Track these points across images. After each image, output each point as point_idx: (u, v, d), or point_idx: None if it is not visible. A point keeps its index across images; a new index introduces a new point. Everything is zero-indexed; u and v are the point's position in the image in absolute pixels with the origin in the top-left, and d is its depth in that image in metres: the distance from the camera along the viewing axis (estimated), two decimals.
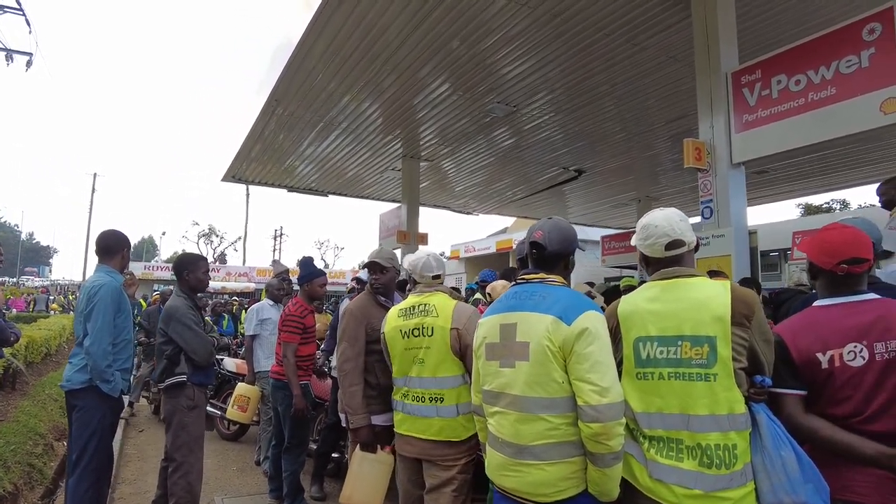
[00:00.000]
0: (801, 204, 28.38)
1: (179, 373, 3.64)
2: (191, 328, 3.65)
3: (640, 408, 1.80)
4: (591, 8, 5.47)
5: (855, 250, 1.80)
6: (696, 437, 1.69)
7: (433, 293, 2.75)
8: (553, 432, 1.81)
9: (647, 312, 1.84)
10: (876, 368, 1.70)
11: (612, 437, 1.71)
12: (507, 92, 7.56)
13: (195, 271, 3.82)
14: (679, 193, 13.13)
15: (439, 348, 2.59)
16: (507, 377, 1.93)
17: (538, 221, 2.13)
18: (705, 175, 4.85)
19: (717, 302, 1.73)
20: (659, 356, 1.78)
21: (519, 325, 1.93)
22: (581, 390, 1.76)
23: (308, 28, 6.07)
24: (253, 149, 9.80)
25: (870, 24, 3.91)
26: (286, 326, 4.29)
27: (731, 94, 4.72)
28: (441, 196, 13.39)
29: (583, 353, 1.78)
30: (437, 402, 2.58)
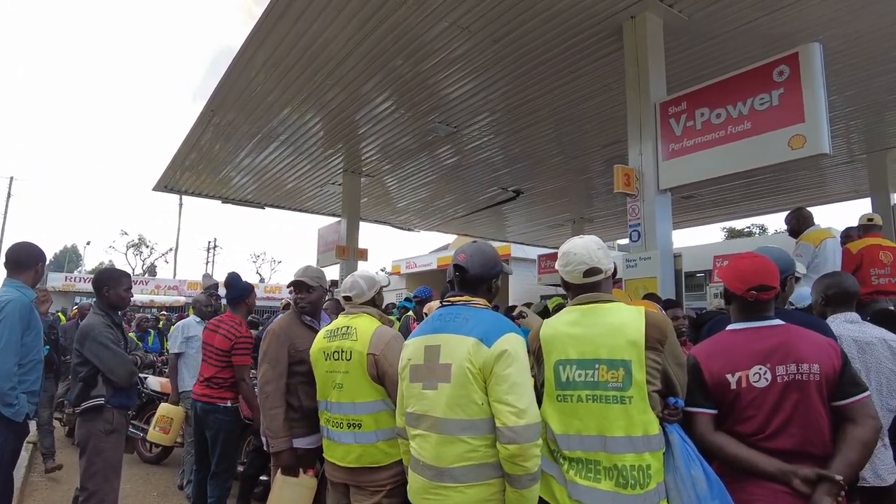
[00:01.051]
0: (725, 228, 30.05)
1: (96, 395, 3.40)
2: (108, 347, 3.41)
3: (560, 429, 1.86)
4: (530, 35, 5.65)
5: (763, 278, 1.94)
6: (612, 458, 1.76)
7: (359, 315, 2.71)
8: (472, 454, 1.84)
9: (566, 336, 1.91)
10: (777, 389, 1.82)
11: (528, 459, 1.75)
12: (449, 112, 7.67)
13: (116, 288, 3.58)
14: (612, 216, 13.65)
15: (357, 373, 2.54)
16: (429, 399, 1.95)
17: (462, 245, 2.17)
18: (634, 200, 5.07)
19: (631, 327, 1.82)
20: (577, 379, 1.85)
21: (442, 346, 1.96)
22: (499, 412, 1.80)
23: (249, 38, 5.97)
24: (187, 158, 9.47)
25: (779, 67, 4.24)
26: (241, 348, 4.05)
27: (659, 123, 4.98)
28: (382, 212, 13.34)
29: (501, 374, 1.82)
30: (354, 429, 2.54)
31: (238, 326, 4.14)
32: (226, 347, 4.05)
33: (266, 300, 28.11)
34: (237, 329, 4.11)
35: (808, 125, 3.99)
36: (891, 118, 7.75)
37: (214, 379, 4.07)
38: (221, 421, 4.03)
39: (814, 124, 3.97)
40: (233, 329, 4.11)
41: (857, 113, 7.57)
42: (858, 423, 1.77)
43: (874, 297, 4.35)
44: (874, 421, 1.79)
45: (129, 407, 3.72)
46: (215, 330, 4.16)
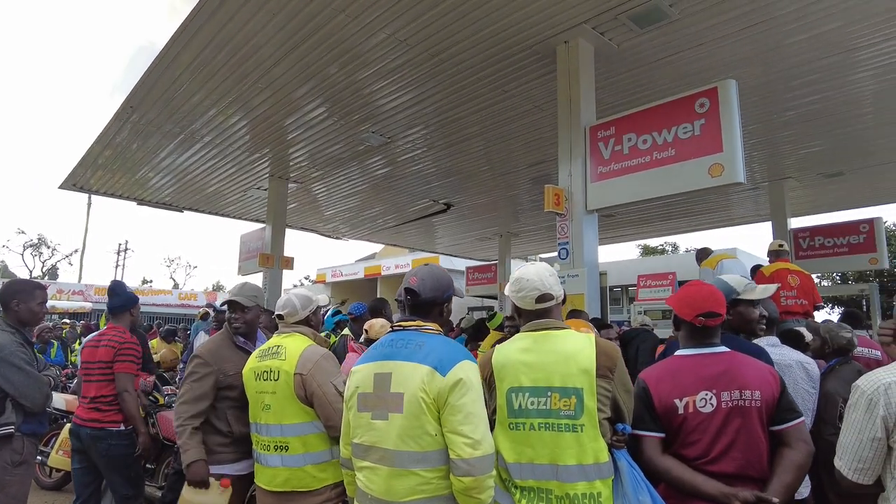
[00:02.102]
0: (641, 245, 31.62)
1: (4, 423, 3.02)
2: (21, 368, 3.05)
3: (512, 458, 1.85)
4: (467, 52, 5.72)
5: (711, 305, 2.03)
6: (564, 486, 1.77)
7: (291, 334, 2.63)
8: (425, 487, 1.78)
9: (519, 363, 1.91)
10: (721, 415, 1.90)
11: (482, 491, 1.73)
12: (382, 123, 7.62)
13: (28, 301, 3.20)
14: (537, 231, 14.08)
15: (284, 394, 2.46)
16: (379, 430, 1.87)
17: (415, 267, 2.12)
18: (563, 219, 5.22)
19: (583, 355, 1.84)
20: (530, 407, 1.85)
21: (394, 374, 1.89)
22: (454, 443, 1.75)
23: (175, 35, 5.67)
24: (101, 156, 8.84)
25: (700, 99, 4.52)
26: (125, 355, 3.69)
27: (589, 146, 5.17)
28: (310, 219, 13.04)
29: (456, 404, 1.77)
30: (281, 451, 2.45)
31: (121, 334, 3.79)
32: (109, 358, 3.68)
33: (181, 307, 26.70)
34: (120, 336, 3.77)
35: (725, 155, 4.27)
36: (788, 151, 8.47)
37: (101, 398, 3.66)
38: (114, 447, 3.62)
39: (731, 154, 4.25)
40: (115, 337, 3.75)
41: (760, 145, 8.22)
42: (793, 447, 1.88)
43: (783, 317, 4.73)
44: (807, 445, 1.90)
45: (41, 434, 3.34)
46: (96, 345, 3.77)
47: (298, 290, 2.78)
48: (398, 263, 22.52)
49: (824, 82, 6.30)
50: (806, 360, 2.75)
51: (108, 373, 3.67)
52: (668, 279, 11.39)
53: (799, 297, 5.05)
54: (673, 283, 11.33)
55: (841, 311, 8.14)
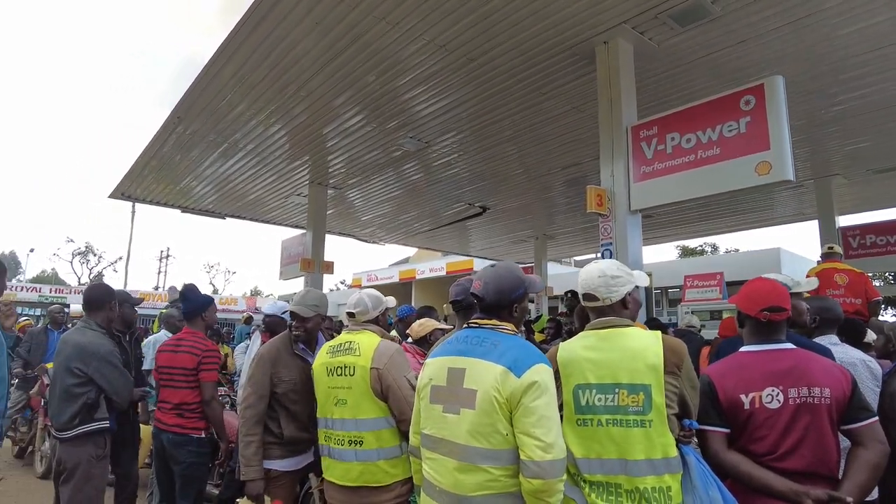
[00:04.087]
0: (679, 246, 31.05)
1: (100, 418, 3.28)
2: (118, 367, 3.36)
3: (580, 453, 1.87)
4: (505, 55, 5.75)
5: (774, 300, 2.03)
6: (633, 481, 1.78)
7: (361, 331, 2.70)
8: (493, 484, 1.79)
9: (585, 360, 1.93)
10: (789, 411, 1.89)
11: (552, 494, 1.73)
12: (418, 128, 7.70)
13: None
14: (573, 232, 13.99)
15: (360, 389, 2.52)
16: (449, 424, 1.89)
17: (482, 269, 2.11)
18: (606, 220, 5.19)
19: (650, 352, 1.85)
20: (597, 403, 1.87)
21: (468, 371, 1.90)
22: (525, 445, 1.75)
23: (219, 50, 5.85)
24: (147, 166, 9.17)
25: (746, 96, 4.45)
26: (209, 363, 3.71)
27: (631, 146, 5.13)
28: (347, 224, 13.23)
29: (530, 406, 1.76)
30: (356, 446, 2.50)
31: (202, 340, 3.82)
32: (192, 365, 3.70)
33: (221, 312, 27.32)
34: (202, 343, 3.79)
35: (773, 152, 4.19)
36: (835, 147, 8.23)
37: (184, 405, 3.70)
38: (194, 453, 3.68)
39: (779, 152, 4.17)
40: (197, 344, 3.77)
41: (805, 142, 7.99)
42: (867, 447, 1.86)
43: None
44: (882, 445, 1.87)
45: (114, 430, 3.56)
46: (175, 350, 3.81)
47: (369, 290, 2.84)
48: (432, 267, 22.62)
49: (874, 75, 6.11)
50: (868, 359, 2.71)
51: (192, 380, 3.70)
52: (715, 279, 11.13)
53: (847, 296, 4.92)
54: (721, 282, 11.07)
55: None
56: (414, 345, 3.82)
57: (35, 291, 28.46)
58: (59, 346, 3.51)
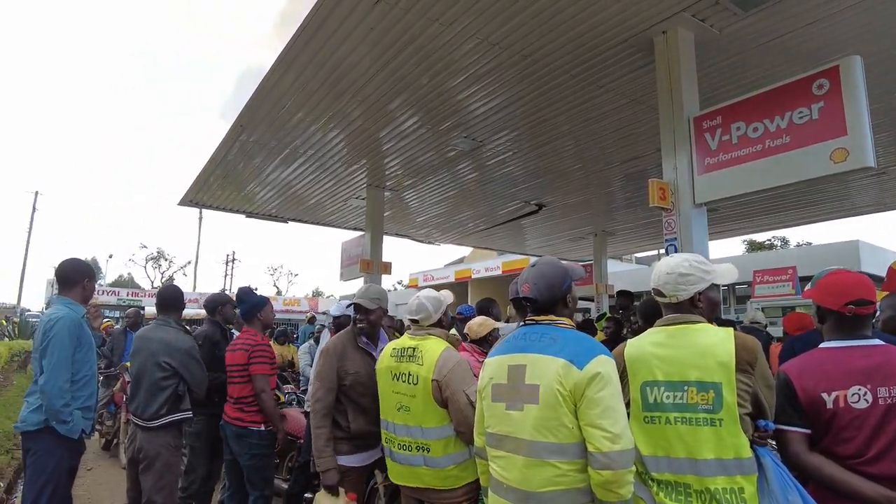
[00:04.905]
0: (746, 240, 29.73)
1: (184, 409, 3.60)
2: (200, 363, 3.70)
3: (647, 451, 1.83)
4: (559, 50, 5.67)
5: (861, 292, 1.90)
6: (703, 481, 1.72)
7: (426, 337, 2.70)
8: (562, 479, 1.79)
9: (653, 357, 1.88)
10: (878, 412, 1.77)
11: (622, 485, 1.71)
12: (472, 128, 7.71)
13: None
14: (634, 228, 13.63)
15: (424, 398, 2.54)
16: (514, 420, 1.90)
17: (524, 271, 2.10)
18: (669, 214, 5.04)
19: (721, 349, 1.79)
20: (666, 401, 1.82)
21: (528, 367, 1.91)
22: (592, 436, 1.75)
23: (277, 60, 6.04)
24: (213, 173, 9.59)
25: (819, 80, 4.21)
26: (258, 356, 3.88)
27: (694, 137, 4.96)
28: (404, 225, 13.40)
29: (594, 398, 1.76)
30: (423, 452, 2.52)
31: (252, 336, 4.02)
32: (244, 360, 3.91)
33: (285, 312, 28.23)
34: (252, 339, 3.99)
35: (850, 138, 3.95)
36: None
37: (242, 399, 3.90)
38: (255, 445, 3.87)
39: (857, 138, 3.92)
40: (248, 340, 3.98)
41: (884, 126, 7.48)
42: None
43: None
44: None
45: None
46: (234, 349, 4.03)
47: (426, 292, 2.84)
48: (488, 266, 22.59)
49: None
50: None
51: (245, 375, 3.88)
52: (787, 274, 10.58)
53: None
54: (793, 277, 10.51)
55: None
56: (472, 344, 3.82)
57: (114, 295, 30.34)
58: (140, 343, 3.76)
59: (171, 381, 3.55)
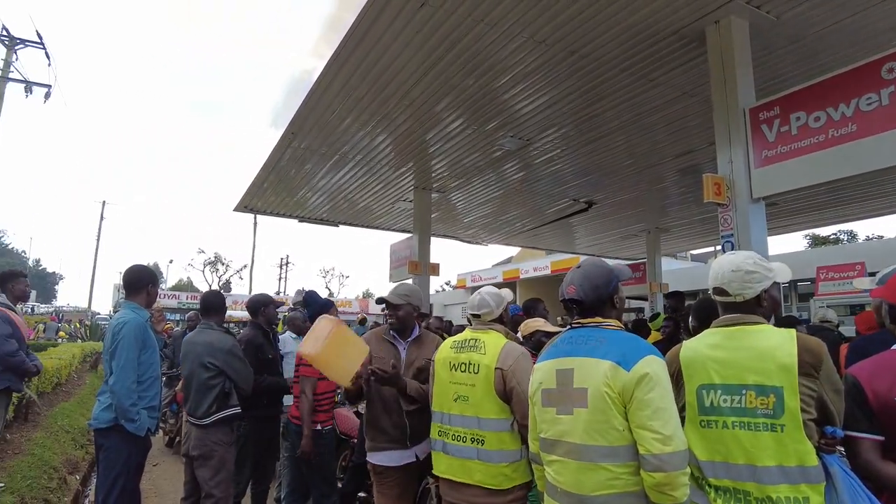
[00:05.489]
0: (808, 235, 28.33)
1: (233, 405, 3.75)
2: (243, 360, 3.84)
3: (704, 456, 1.77)
4: (608, 45, 5.56)
5: None
6: (764, 489, 1.65)
7: (487, 330, 2.71)
8: (615, 482, 1.76)
9: (709, 359, 1.82)
10: None
11: (676, 488, 1.66)
12: (519, 127, 7.66)
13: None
14: (688, 225, 13.22)
15: (483, 388, 2.52)
16: (564, 424, 1.88)
17: (568, 273, 2.07)
18: (725, 210, 4.86)
19: (782, 351, 1.71)
20: (723, 405, 1.76)
21: (576, 370, 1.89)
22: (643, 438, 1.71)
23: (326, 68, 6.16)
24: (266, 180, 9.90)
25: (889, 64, 3.97)
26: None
27: (750, 130, 4.77)
28: (451, 227, 13.45)
29: (643, 399, 1.73)
30: (478, 444, 2.50)
31: None
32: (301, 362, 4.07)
33: None
34: None
35: None
36: None
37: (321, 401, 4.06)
38: (315, 444, 4.00)
39: None
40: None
41: None
42: None
43: None
44: None
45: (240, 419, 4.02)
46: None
47: (488, 288, 2.85)
48: (536, 266, 22.38)
49: None
50: None
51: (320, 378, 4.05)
52: (855, 270, 9.93)
53: None
54: (862, 273, 9.89)
55: None
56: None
57: (174, 298, 31.70)
58: (187, 348, 3.94)
59: (218, 379, 3.72)
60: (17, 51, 17.20)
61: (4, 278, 4.91)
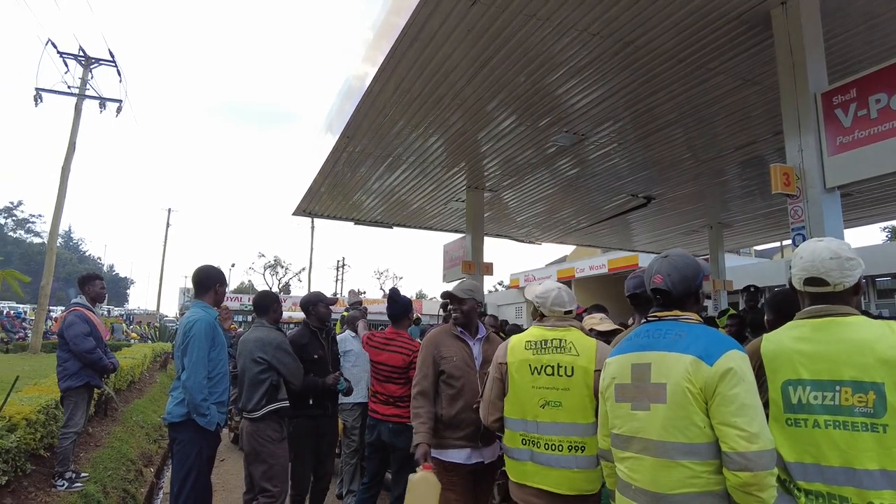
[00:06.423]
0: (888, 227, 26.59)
1: (281, 398, 3.85)
2: (291, 355, 3.92)
3: (792, 457, 1.66)
4: (665, 34, 5.39)
5: None
6: (865, 494, 1.53)
7: (568, 328, 2.58)
8: (695, 480, 1.68)
9: (795, 353, 1.71)
10: None
11: (764, 489, 1.57)
12: (573, 122, 7.53)
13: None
14: (753, 219, 12.67)
15: (580, 391, 2.41)
16: (640, 420, 1.81)
17: (652, 261, 2.00)
18: (795, 201, 4.61)
19: (883, 344, 1.58)
20: (813, 402, 1.65)
21: (654, 365, 1.82)
22: (726, 436, 1.63)
23: (378, 72, 6.23)
24: (323, 184, 10.13)
25: None
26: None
27: (822, 115, 4.50)
28: (504, 226, 13.38)
29: (727, 395, 1.64)
30: (577, 451, 2.39)
31: (410, 341, 4.16)
32: (403, 364, 4.03)
33: None
34: (410, 344, 4.12)
35: None
36: None
37: (399, 398, 4.00)
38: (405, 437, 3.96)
39: None
40: (405, 344, 4.12)
41: None
42: None
43: None
44: None
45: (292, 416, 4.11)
46: (381, 347, 4.16)
47: (554, 283, 2.78)
48: (592, 265, 21.94)
49: None
50: None
51: (402, 377, 4.02)
52: None
53: None
54: None
55: None
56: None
57: (237, 300, 32.90)
58: (241, 346, 4.13)
59: (267, 374, 3.84)
60: (91, 69, 18.31)
61: (83, 281, 5.21)
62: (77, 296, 5.18)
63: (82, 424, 4.92)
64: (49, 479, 4.50)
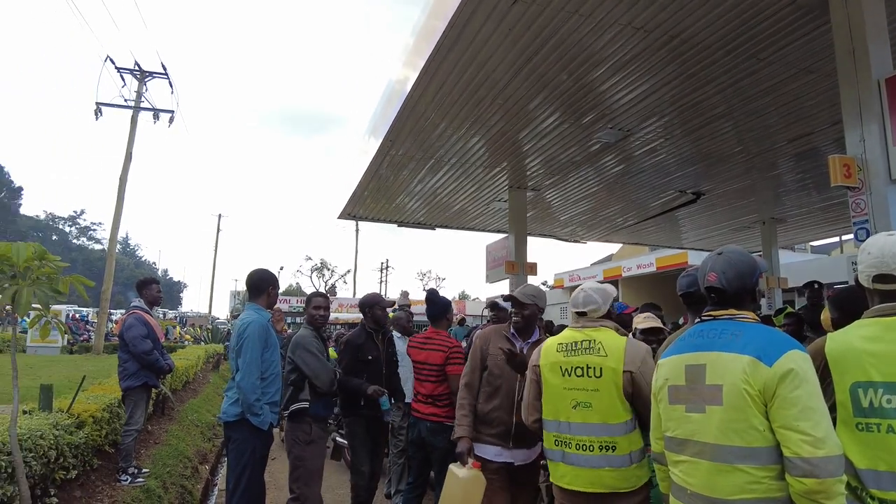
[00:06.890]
0: None
1: (303, 399, 3.85)
2: (314, 354, 3.86)
3: (864, 464, 1.58)
4: (713, 25, 5.23)
5: None
6: None
7: (598, 328, 2.55)
8: (754, 486, 1.61)
9: (865, 353, 1.62)
10: None
11: (832, 497, 1.49)
12: (617, 118, 7.39)
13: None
14: (808, 214, 12.17)
15: (609, 392, 2.39)
16: (695, 423, 1.75)
17: (706, 259, 1.93)
18: (857, 193, 4.39)
19: None
20: (886, 405, 1.56)
21: (709, 366, 1.75)
22: (789, 440, 1.55)
23: (419, 75, 6.26)
24: (367, 188, 10.27)
25: None
26: (455, 358, 4.05)
27: (887, 102, 4.27)
28: (547, 225, 13.25)
29: (789, 397, 1.57)
30: (608, 451, 2.37)
31: (447, 339, 4.24)
32: (441, 361, 4.08)
33: None
34: (447, 341, 4.18)
35: None
36: None
37: (436, 396, 4.04)
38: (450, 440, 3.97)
39: None
40: (443, 342, 4.18)
41: None
42: None
43: None
44: None
45: (327, 417, 4.13)
46: (421, 347, 4.24)
47: (592, 283, 2.72)
48: (640, 263, 21.47)
49: None
50: None
51: (440, 375, 4.06)
52: None
53: None
54: None
55: None
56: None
57: (286, 302, 33.66)
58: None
59: (294, 373, 3.88)
60: (146, 82, 19.14)
61: (141, 285, 5.44)
62: (136, 299, 5.41)
63: (142, 422, 5.15)
64: (114, 474, 4.72)
